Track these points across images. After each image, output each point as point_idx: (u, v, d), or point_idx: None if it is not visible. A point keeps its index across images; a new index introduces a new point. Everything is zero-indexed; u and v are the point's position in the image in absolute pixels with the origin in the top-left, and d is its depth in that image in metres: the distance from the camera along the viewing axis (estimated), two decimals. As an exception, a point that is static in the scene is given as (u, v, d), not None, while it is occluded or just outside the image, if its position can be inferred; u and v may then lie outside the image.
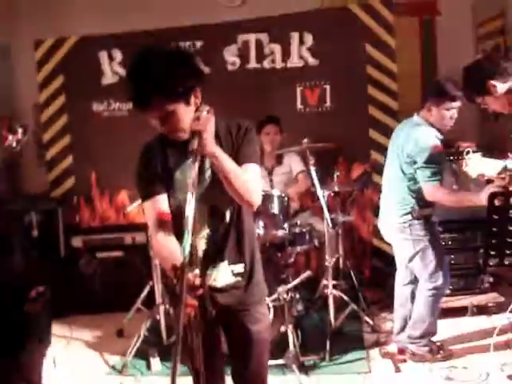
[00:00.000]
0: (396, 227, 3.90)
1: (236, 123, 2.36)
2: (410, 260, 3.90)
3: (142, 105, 2.15)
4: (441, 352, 4.01)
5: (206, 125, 2.10)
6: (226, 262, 2.37)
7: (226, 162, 2.15)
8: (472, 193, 3.42)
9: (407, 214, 3.82)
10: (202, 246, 2.35)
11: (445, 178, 3.77)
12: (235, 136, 2.32)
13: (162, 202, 2.29)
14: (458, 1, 6.04)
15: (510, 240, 2.32)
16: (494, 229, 2.30)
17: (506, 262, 2.38)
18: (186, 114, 2.20)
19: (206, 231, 2.34)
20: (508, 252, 2.35)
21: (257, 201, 2.27)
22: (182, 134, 2.22)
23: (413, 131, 3.80)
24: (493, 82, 3.03)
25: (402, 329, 4.09)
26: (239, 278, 2.40)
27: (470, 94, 3.23)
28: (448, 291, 4.43)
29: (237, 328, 2.44)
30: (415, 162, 3.71)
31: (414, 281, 4.02)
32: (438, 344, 4.05)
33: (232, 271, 2.38)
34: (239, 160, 2.26)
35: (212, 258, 2.36)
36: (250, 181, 2.23)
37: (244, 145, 2.31)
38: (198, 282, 1.98)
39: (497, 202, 2.27)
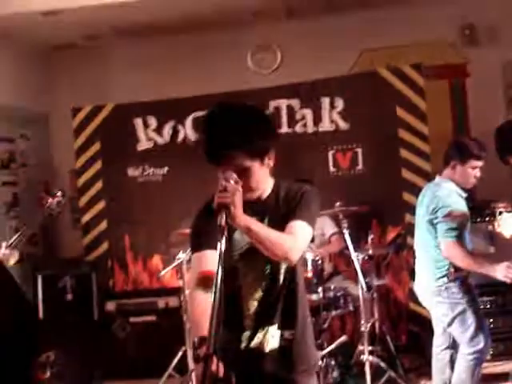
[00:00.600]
0: (432, 290, 3.82)
1: (297, 187, 2.30)
2: (449, 324, 3.80)
3: (220, 158, 2.12)
4: None
5: (234, 197, 2.00)
6: (275, 326, 2.27)
7: (260, 232, 2.08)
8: (489, 264, 3.39)
9: (443, 276, 3.75)
10: (253, 307, 2.27)
11: (466, 237, 3.72)
12: (292, 199, 2.25)
13: (210, 257, 2.15)
14: (488, 62, 6.09)
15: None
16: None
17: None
18: (259, 173, 2.19)
19: (259, 293, 2.26)
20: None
21: (293, 257, 2.15)
22: (251, 194, 2.20)
23: (436, 189, 3.81)
24: None
25: None
26: (287, 344, 2.28)
27: (504, 154, 3.23)
28: (488, 356, 4.30)
29: None
30: (437, 218, 3.69)
31: (453, 345, 3.91)
32: None
33: (281, 336, 2.27)
34: (289, 218, 2.20)
35: (262, 320, 2.27)
36: (287, 238, 2.13)
37: (298, 204, 2.23)
38: (221, 373, 1.85)
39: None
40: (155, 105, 5.93)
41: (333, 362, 4.52)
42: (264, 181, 2.26)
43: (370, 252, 4.75)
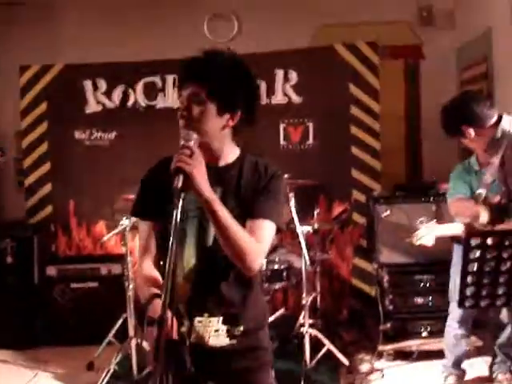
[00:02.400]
0: None
1: (264, 165, 2.08)
2: None
3: (183, 81, 2.02)
4: None
5: (197, 165, 1.82)
6: (218, 319, 2.03)
7: (221, 215, 1.86)
8: None
9: None
10: (186, 294, 2.02)
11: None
12: (257, 179, 2.04)
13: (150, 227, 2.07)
14: (443, 45, 6.14)
15: (486, 281, 2.29)
16: (470, 269, 2.28)
17: (482, 304, 2.35)
18: (212, 120, 1.99)
19: (194, 275, 2.02)
20: (484, 294, 2.31)
21: (252, 265, 1.94)
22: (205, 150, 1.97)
23: None
24: (467, 127, 3.07)
25: None
26: (235, 341, 2.05)
27: (448, 134, 3.27)
28: (425, 334, 4.41)
29: None
30: None
31: None
32: None
33: (228, 331, 2.04)
34: (254, 212, 1.98)
35: (199, 308, 2.03)
36: (251, 243, 1.92)
37: (264, 195, 2.01)
38: (174, 335, 1.75)
39: (473, 242, 2.24)
40: (106, 67, 5.78)
41: (273, 334, 4.53)
42: (219, 138, 2.04)
43: (316, 226, 4.76)
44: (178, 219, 1.74)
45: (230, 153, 2.10)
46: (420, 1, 6.25)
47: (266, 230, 1.98)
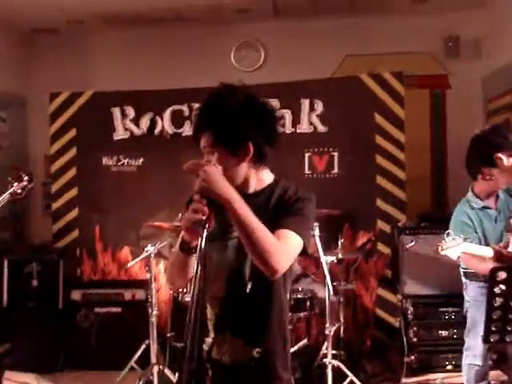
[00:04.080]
0: None
1: (295, 188, 2.10)
2: None
3: (196, 138, 2.09)
4: None
5: (214, 172, 1.89)
6: (240, 340, 2.06)
7: (243, 214, 1.88)
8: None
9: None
10: (214, 312, 2.10)
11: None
12: (287, 201, 2.06)
13: None
14: (469, 75, 6.15)
15: (511, 316, 2.26)
16: (496, 304, 2.26)
17: (507, 339, 2.32)
18: (229, 161, 2.02)
19: (221, 295, 2.08)
20: (509, 329, 2.29)
21: (279, 266, 1.92)
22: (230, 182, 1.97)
23: None
24: (499, 154, 3.04)
25: None
26: (254, 364, 2.06)
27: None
28: (450, 367, 4.34)
29: None
30: None
31: None
32: None
33: (247, 351, 2.06)
34: (280, 224, 1.99)
35: (224, 328, 2.08)
36: (275, 243, 1.91)
37: (292, 212, 2.03)
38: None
39: (499, 277, 2.22)
40: (134, 95, 5.87)
41: (296, 364, 4.51)
42: (241, 174, 2.07)
43: (340, 256, 4.74)
44: (203, 245, 1.78)
45: (260, 180, 2.14)
46: (446, 31, 6.28)
47: (291, 239, 1.98)
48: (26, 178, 3.57)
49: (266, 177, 2.16)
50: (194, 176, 1.94)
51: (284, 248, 1.95)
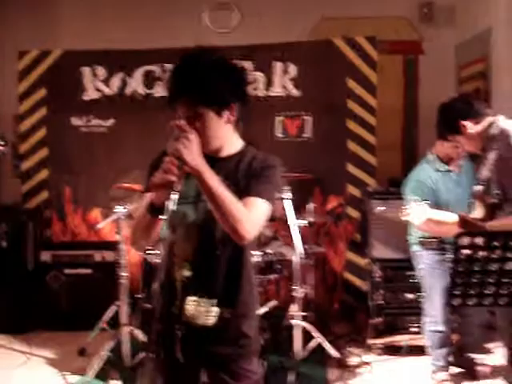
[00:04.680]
0: None
1: (262, 156, 2.14)
2: None
3: (175, 101, 2.05)
4: None
5: (191, 146, 1.88)
6: (210, 300, 2.09)
7: (213, 185, 1.92)
8: None
9: None
10: (184, 273, 2.10)
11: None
12: (254, 168, 2.09)
13: None
14: (442, 42, 6.16)
15: (474, 280, 2.32)
16: (460, 269, 2.30)
17: (470, 303, 2.38)
18: (214, 124, 2.04)
19: (190, 257, 2.10)
20: (472, 293, 2.34)
21: (248, 233, 1.98)
22: (206, 147, 2.02)
23: None
24: (464, 122, 3.09)
25: None
26: (223, 324, 2.10)
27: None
28: (415, 329, 4.46)
29: (218, 381, 2.13)
30: None
31: None
32: None
33: (218, 314, 2.10)
34: (247, 192, 2.02)
35: (193, 290, 2.10)
36: (244, 212, 1.96)
37: (257, 179, 2.06)
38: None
39: (463, 242, 2.27)
40: (105, 54, 5.77)
41: (264, 325, 4.57)
42: (223, 136, 2.09)
43: (310, 219, 4.78)
44: (171, 208, 1.83)
45: (232, 145, 2.14)
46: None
47: (259, 206, 2.03)
48: (1, 142, 3.50)
49: (237, 142, 2.17)
50: (167, 137, 1.94)
51: (252, 215, 1.99)
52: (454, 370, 4.15)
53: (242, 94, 2.12)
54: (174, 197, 1.84)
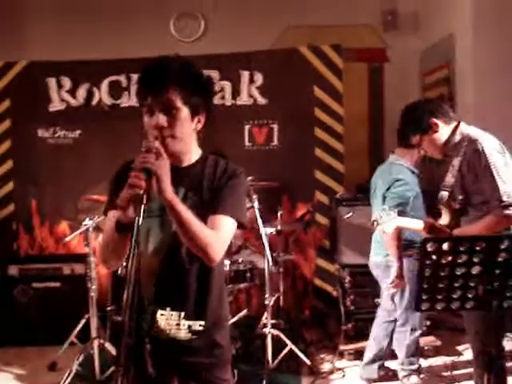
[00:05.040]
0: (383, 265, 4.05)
1: (224, 164, 2.12)
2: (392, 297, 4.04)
3: (152, 91, 1.99)
4: None
5: (163, 166, 1.87)
6: (180, 314, 2.08)
7: (182, 213, 1.91)
8: None
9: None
10: (152, 288, 2.09)
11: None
12: (218, 179, 2.09)
13: None
14: (407, 49, 6.25)
15: (441, 285, 2.35)
16: (427, 274, 2.34)
17: (438, 307, 2.41)
18: (186, 124, 2.03)
19: (158, 271, 2.08)
20: (439, 297, 2.38)
21: (214, 256, 1.99)
22: (169, 148, 1.99)
23: None
24: (435, 120, 3.07)
25: (373, 361, 4.22)
26: (195, 337, 2.10)
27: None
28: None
29: None
30: None
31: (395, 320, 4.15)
32: None
33: (189, 327, 2.09)
34: (214, 209, 2.03)
35: (162, 304, 2.09)
36: (211, 235, 1.97)
37: (224, 192, 2.06)
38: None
39: (429, 248, 2.30)
40: (70, 65, 5.73)
41: (236, 334, 4.57)
42: (187, 141, 2.08)
43: (279, 227, 4.81)
44: (140, 222, 1.77)
45: (193, 154, 2.14)
46: (384, 4, 6.35)
47: (226, 225, 2.03)
48: None
49: (197, 151, 2.17)
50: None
51: (220, 237, 2.01)
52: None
53: (211, 103, 2.15)
54: (141, 212, 1.80)
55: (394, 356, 4.23)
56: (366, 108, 6.52)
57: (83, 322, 4.68)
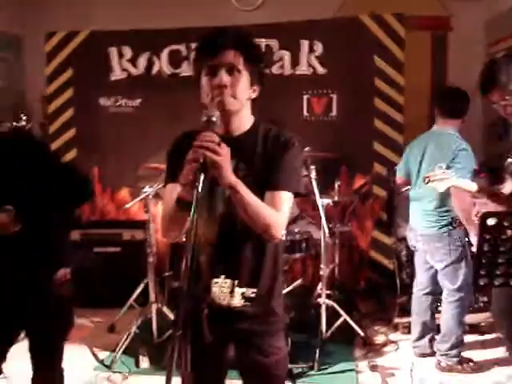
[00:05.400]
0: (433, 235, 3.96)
1: (277, 133, 2.10)
2: (443, 269, 3.96)
3: (215, 51, 2.01)
4: (470, 364, 4.03)
5: (227, 157, 1.88)
6: (234, 282, 2.11)
7: (245, 196, 1.93)
8: None
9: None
10: (208, 256, 2.12)
11: None
12: (271, 148, 2.08)
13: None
14: (471, 17, 6.04)
15: (500, 260, 2.31)
16: (486, 248, 2.30)
17: (496, 283, 2.37)
18: (244, 87, 2.05)
19: (214, 239, 2.10)
20: (498, 273, 2.33)
21: (276, 235, 2.03)
22: (228, 107, 2.03)
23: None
24: None
25: (421, 336, 4.19)
26: (249, 304, 2.13)
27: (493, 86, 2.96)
28: (441, 308, 4.44)
29: (245, 358, 2.19)
30: None
31: (435, 291, 4.13)
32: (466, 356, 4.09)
33: (242, 294, 2.13)
34: (271, 184, 2.03)
35: (218, 272, 2.13)
36: (271, 214, 1.99)
37: (280, 165, 2.05)
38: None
39: (489, 222, 2.26)
40: (131, 35, 5.79)
41: (290, 303, 4.61)
42: (242, 106, 2.07)
43: (336, 198, 4.79)
44: (200, 192, 1.80)
45: (247, 122, 2.14)
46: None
47: (284, 200, 2.04)
48: (24, 117, 3.57)
49: (250, 118, 2.16)
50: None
51: (281, 216, 2.03)
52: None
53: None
54: (201, 182, 1.82)
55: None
56: (428, 78, 6.35)
57: (142, 286, 4.82)
